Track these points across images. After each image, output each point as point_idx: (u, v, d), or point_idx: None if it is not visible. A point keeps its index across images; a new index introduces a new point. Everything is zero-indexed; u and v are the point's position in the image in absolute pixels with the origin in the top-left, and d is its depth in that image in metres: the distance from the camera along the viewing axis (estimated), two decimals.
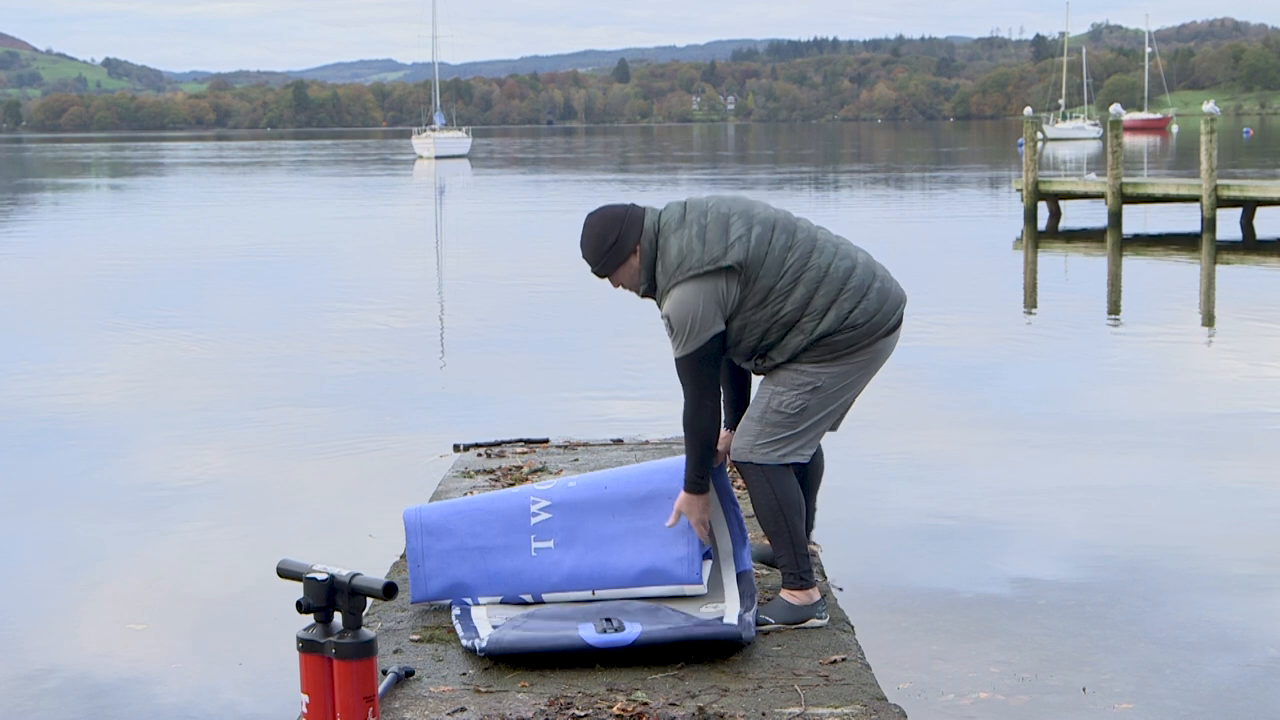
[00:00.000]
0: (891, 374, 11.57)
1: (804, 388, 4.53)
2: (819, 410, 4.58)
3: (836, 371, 4.54)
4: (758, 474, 4.58)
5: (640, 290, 4.62)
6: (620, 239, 4.55)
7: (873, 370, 4.66)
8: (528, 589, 4.74)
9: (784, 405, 4.54)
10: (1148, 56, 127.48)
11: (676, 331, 4.44)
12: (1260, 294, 17.56)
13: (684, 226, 4.51)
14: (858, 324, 4.50)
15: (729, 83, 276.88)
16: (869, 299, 4.53)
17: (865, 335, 4.52)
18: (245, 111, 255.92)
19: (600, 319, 15.06)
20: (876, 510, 7.64)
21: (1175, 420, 9.90)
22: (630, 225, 4.56)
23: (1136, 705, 5.00)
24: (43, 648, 5.88)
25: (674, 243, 4.47)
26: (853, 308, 4.49)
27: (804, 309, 4.47)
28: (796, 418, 4.55)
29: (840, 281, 4.50)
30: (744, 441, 4.59)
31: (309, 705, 3.14)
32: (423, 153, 77.38)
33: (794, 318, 4.47)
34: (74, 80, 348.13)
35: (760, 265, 4.45)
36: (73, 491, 8.44)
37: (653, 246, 4.53)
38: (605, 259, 4.58)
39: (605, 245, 4.56)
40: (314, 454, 9.31)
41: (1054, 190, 28.55)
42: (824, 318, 4.47)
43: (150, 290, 18.87)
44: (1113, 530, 7.28)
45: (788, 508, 4.59)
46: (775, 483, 4.58)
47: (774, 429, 4.56)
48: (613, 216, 4.59)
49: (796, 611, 4.64)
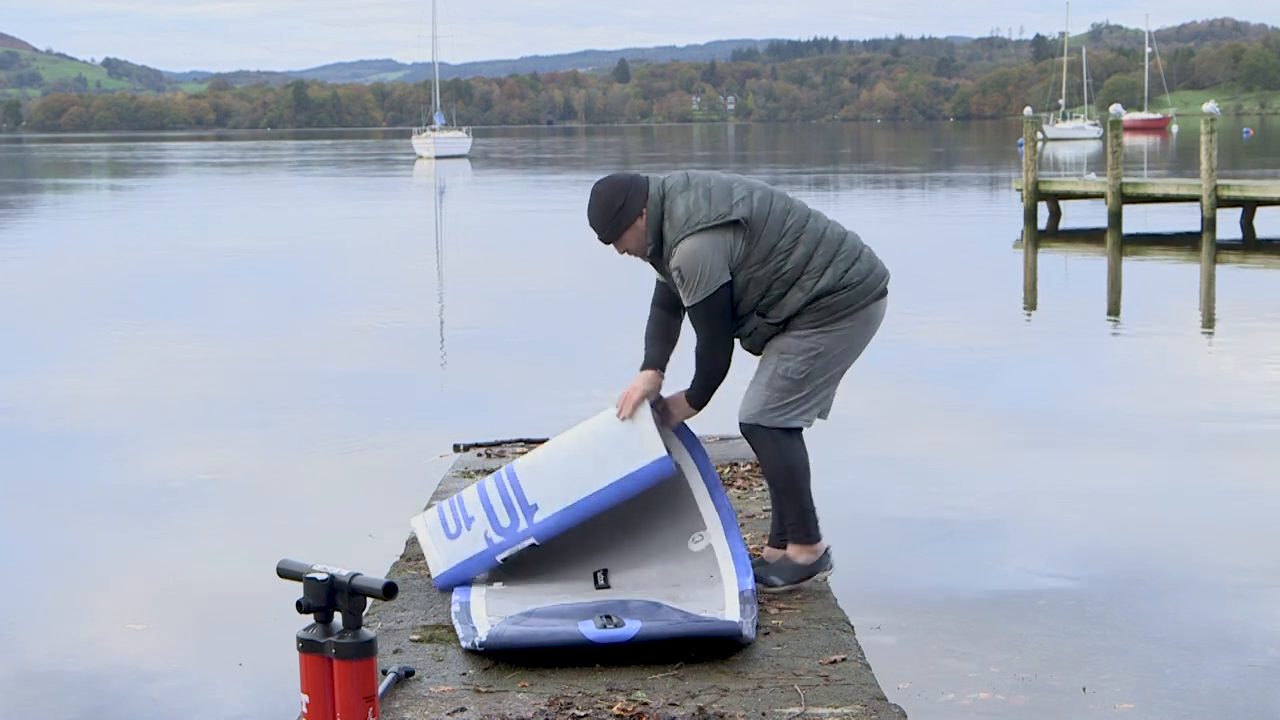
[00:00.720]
0: (892, 373, 11.59)
1: (808, 353, 4.79)
2: (822, 374, 4.83)
3: (835, 336, 4.81)
4: (767, 437, 4.84)
5: (647, 252, 4.82)
6: (627, 202, 4.76)
7: (867, 336, 4.92)
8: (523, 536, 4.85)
9: (790, 371, 4.80)
10: (1148, 56, 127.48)
11: (688, 280, 4.68)
12: (1260, 294, 17.56)
13: (689, 189, 4.76)
14: (853, 283, 4.79)
15: (729, 83, 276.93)
16: (861, 261, 4.84)
17: (860, 296, 4.80)
18: (245, 111, 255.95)
19: (600, 319, 15.07)
20: (877, 510, 7.64)
21: (1175, 420, 9.90)
22: (636, 190, 4.78)
23: (1136, 705, 5.00)
24: (43, 648, 5.88)
25: (680, 202, 4.72)
26: (847, 268, 4.78)
27: (804, 267, 4.74)
28: (802, 382, 4.81)
29: (836, 243, 4.81)
30: (753, 407, 4.84)
31: (309, 705, 3.14)
32: (423, 153, 77.36)
33: (794, 275, 4.74)
34: (74, 80, 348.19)
35: (763, 224, 4.72)
36: (73, 491, 8.44)
37: (659, 208, 4.76)
38: (614, 222, 4.77)
39: (613, 209, 4.76)
40: (314, 454, 9.31)
41: (1054, 190, 28.55)
42: (822, 276, 4.75)
43: (150, 290, 18.86)
44: (1113, 530, 7.28)
45: (796, 469, 4.86)
46: (784, 445, 4.84)
47: (781, 394, 4.81)
48: (618, 183, 4.81)
49: (805, 569, 4.93)
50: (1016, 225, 26.42)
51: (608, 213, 4.76)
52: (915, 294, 16.30)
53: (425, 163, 69.61)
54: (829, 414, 4.97)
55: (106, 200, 44.09)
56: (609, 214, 4.76)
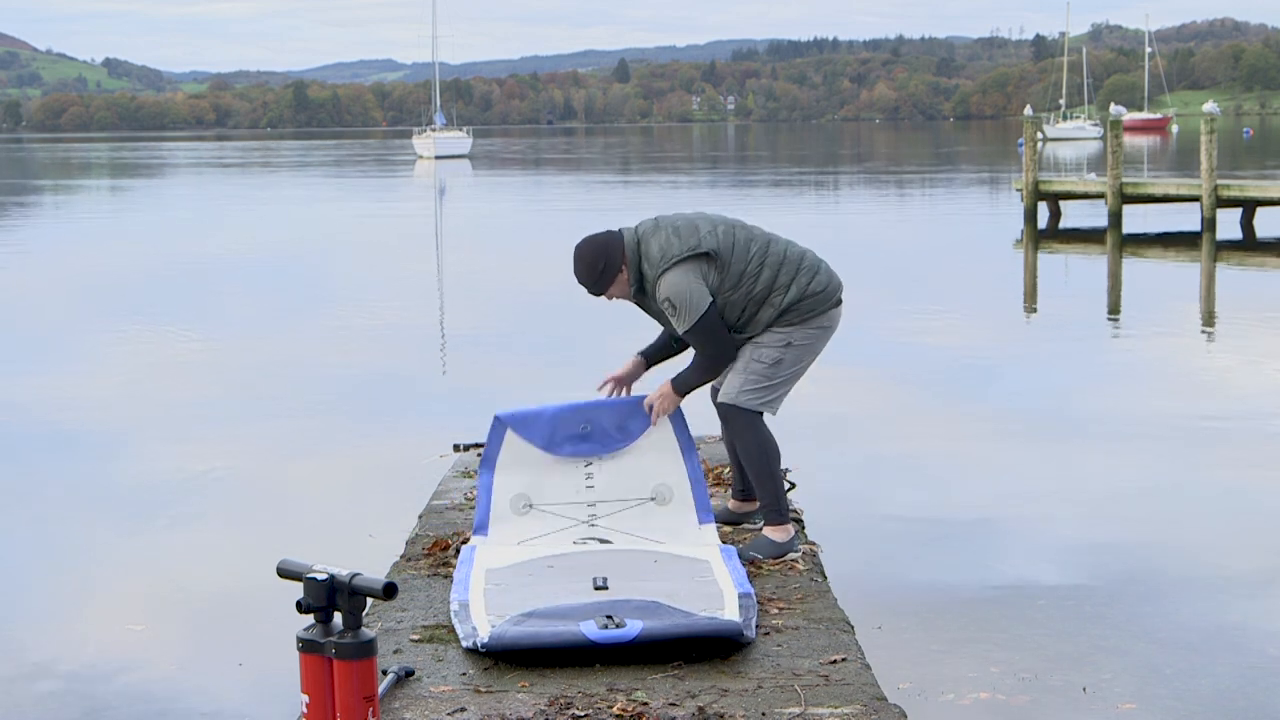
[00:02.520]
0: (892, 373, 11.58)
1: (779, 343, 5.28)
2: (791, 365, 5.30)
3: (804, 333, 5.30)
4: (745, 418, 5.28)
5: (631, 294, 5.32)
6: (609, 261, 5.24)
7: (825, 340, 5.41)
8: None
9: (763, 356, 5.27)
10: (1148, 56, 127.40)
11: (679, 307, 5.17)
12: (1260, 294, 17.56)
13: (659, 230, 5.26)
14: (816, 292, 5.30)
15: (729, 83, 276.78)
16: (820, 274, 5.36)
17: (821, 303, 5.31)
18: (245, 111, 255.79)
19: (600, 319, 15.06)
20: (876, 510, 7.64)
21: (1175, 420, 9.89)
22: (613, 246, 5.25)
23: (1137, 705, 5.00)
24: (43, 648, 5.88)
25: (654, 243, 5.22)
26: (809, 281, 5.30)
27: (771, 286, 5.25)
28: (774, 368, 5.28)
29: (796, 261, 5.32)
30: (731, 389, 5.29)
31: (309, 705, 3.14)
32: (423, 153, 77.34)
33: (764, 294, 5.25)
34: (74, 80, 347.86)
35: (730, 253, 5.22)
36: (72, 491, 8.44)
37: (635, 254, 5.25)
38: (601, 280, 5.27)
39: (597, 270, 5.26)
40: (314, 454, 9.31)
41: (1054, 190, 28.54)
42: (788, 291, 5.26)
43: (150, 290, 18.87)
44: (1113, 530, 7.28)
45: (769, 450, 5.29)
46: (758, 427, 5.29)
47: (756, 378, 5.27)
48: (598, 244, 5.27)
49: (780, 547, 5.27)
50: (1016, 225, 26.42)
51: (593, 272, 5.26)
52: (915, 294, 16.31)
53: (425, 163, 69.60)
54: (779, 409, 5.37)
55: (107, 200, 44.09)
56: (595, 273, 5.26)
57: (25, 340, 14.52)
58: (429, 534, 5.71)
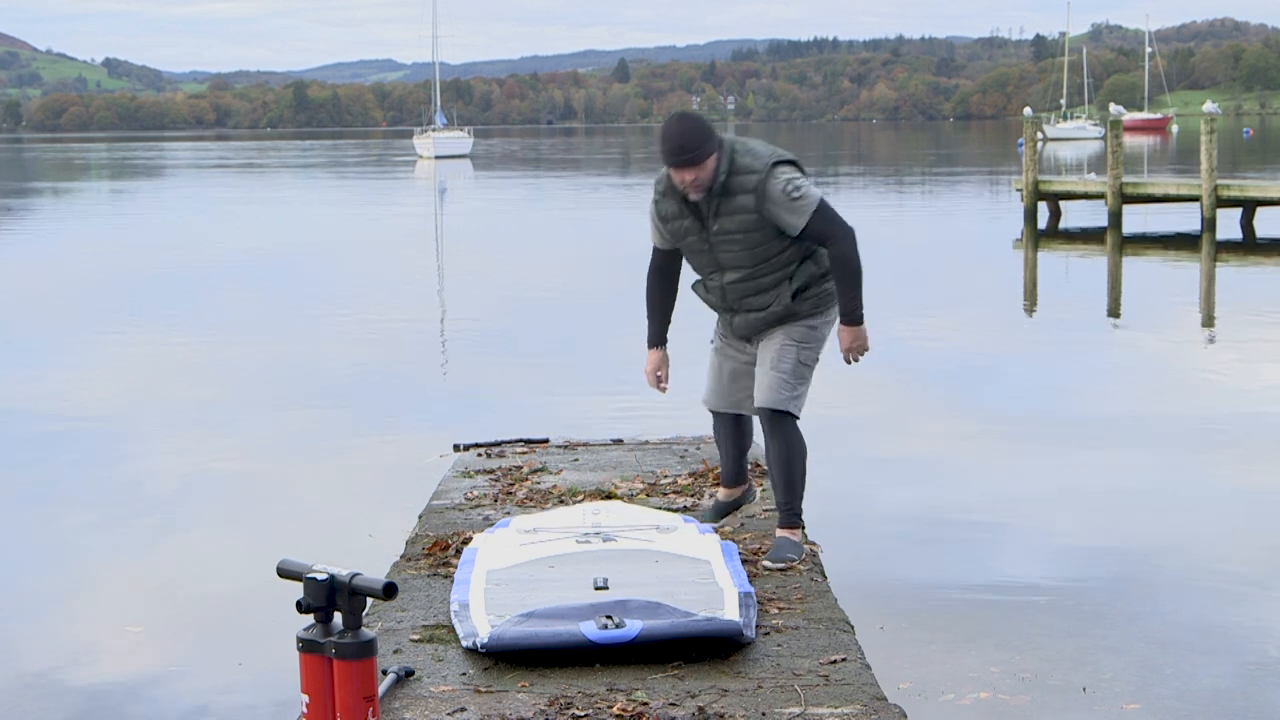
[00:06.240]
0: (892, 373, 11.57)
1: (819, 341, 5.21)
2: (814, 360, 5.24)
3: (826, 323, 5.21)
4: (791, 424, 5.17)
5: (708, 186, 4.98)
6: (714, 133, 5.01)
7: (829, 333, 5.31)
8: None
9: (809, 359, 5.19)
10: (1148, 56, 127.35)
11: (802, 191, 5.00)
12: (1260, 294, 17.55)
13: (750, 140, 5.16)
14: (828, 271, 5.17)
15: (729, 83, 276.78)
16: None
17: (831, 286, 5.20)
18: (245, 111, 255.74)
19: (600, 319, 15.08)
20: (876, 510, 7.64)
21: (1175, 420, 9.89)
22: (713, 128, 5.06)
23: (1137, 705, 5.00)
24: (42, 648, 5.88)
25: (755, 144, 5.11)
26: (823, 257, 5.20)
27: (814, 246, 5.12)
28: (812, 369, 5.23)
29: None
30: (782, 395, 5.14)
31: (309, 705, 3.13)
32: (423, 153, 77.33)
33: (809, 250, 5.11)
34: (74, 80, 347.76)
35: None
36: (72, 491, 8.44)
37: (729, 150, 5.01)
38: (704, 145, 4.94)
39: (705, 134, 4.95)
40: (314, 454, 9.31)
41: (1054, 190, 28.54)
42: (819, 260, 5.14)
43: (150, 291, 18.87)
44: (1112, 530, 7.28)
45: (805, 455, 5.22)
46: (799, 430, 5.20)
47: (802, 382, 5.18)
48: (702, 118, 5.12)
49: (800, 548, 5.19)
50: (1016, 225, 26.42)
51: (701, 134, 4.94)
52: (915, 294, 16.30)
53: (426, 163, 69.61)
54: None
55: (107, 200, 44.08)
56: (702, 135, 4.94)
57: (25, 340, 14.52)
58: (429, 534, 5.71)
